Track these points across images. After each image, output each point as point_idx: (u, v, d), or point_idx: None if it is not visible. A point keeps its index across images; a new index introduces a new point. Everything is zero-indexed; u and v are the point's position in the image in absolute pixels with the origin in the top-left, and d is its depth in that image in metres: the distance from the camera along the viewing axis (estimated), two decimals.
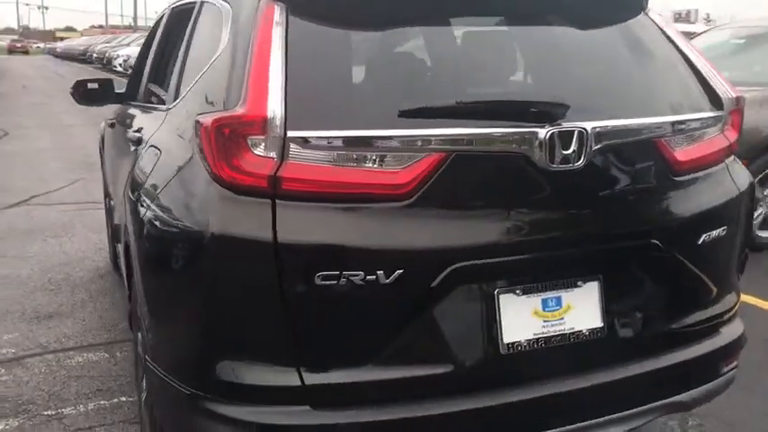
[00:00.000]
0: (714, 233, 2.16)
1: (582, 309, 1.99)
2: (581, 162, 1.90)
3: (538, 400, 1.92)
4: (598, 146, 1.93)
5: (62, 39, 71.24)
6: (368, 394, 1.83)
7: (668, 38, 2.29)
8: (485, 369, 1.89)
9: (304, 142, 1.75)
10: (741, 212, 2.28)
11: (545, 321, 1.95)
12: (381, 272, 1.76)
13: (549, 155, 1.86)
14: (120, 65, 24.14)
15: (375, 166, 1.79)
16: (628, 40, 2.28)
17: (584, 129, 1.89)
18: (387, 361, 1.82)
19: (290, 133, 1.74)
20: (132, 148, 2.73)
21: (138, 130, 2.78)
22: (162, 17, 3.49)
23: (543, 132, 1.85)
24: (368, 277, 1.75)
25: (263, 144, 1.74)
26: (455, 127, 1.83)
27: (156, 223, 2.04)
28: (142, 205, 2.16)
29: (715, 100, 2.22)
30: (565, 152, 1.87)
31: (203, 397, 1.82)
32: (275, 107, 1.73)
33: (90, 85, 3.61)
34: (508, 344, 1.90)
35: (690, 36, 6.66)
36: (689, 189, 2.14)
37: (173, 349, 1.98)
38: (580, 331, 1.98)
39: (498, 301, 1.90)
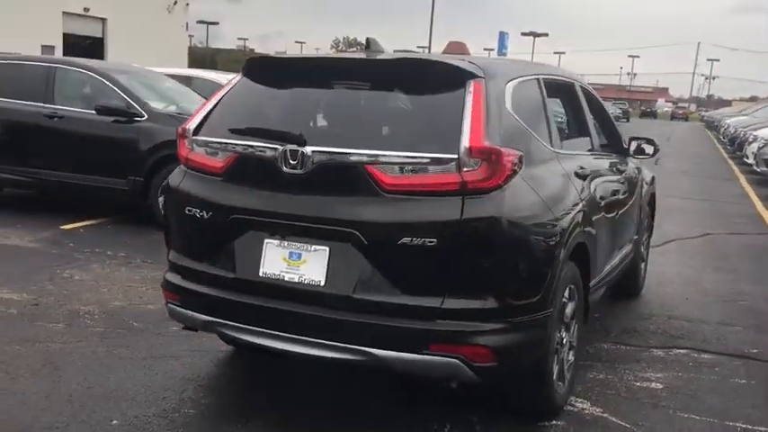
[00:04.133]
0: (417, 241, 2.96)
1: (312, 265, 3.17)
2: (303, 170, 3.11)
3: (276, 310, 3.22)
4: (318, 161, 3.08)
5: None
6: (200, 277, 3.46)
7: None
8: (249, 282, 3.29)
9: (195, 143, 3.49)
10: (459, 238, 2.95)
11: (288, 266, 3.22)
12: (205, 212, 3.39)
13: (283, 163, 3.15)
14: (754, 154, 15.87)
15: (215, 156, 3.41)
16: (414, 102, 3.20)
17: (304, 150, 3.10)
18: (210, 261, 3.42)
19: (192, 138, 3.51)
20: None
21: None
22: None
23: (281, 149, 3.15)
24: (201, 213, 3.40)
25: (187, 142, 3.54)
26: (244, 141, 3.29)
27: None
28: None
29: (453, 146, 2.97)
30: (292, 162, 3.13)
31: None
32: (191, 126, 3.52)
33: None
34: (263, 272, 3.26)
35: None
36: (395, 204, 3.00)
37: None
38: (306, 279, 3.16)
39: (265, 244, 3.27)
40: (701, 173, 17.56)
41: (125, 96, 7.69)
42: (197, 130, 3.50)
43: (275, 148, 3.17)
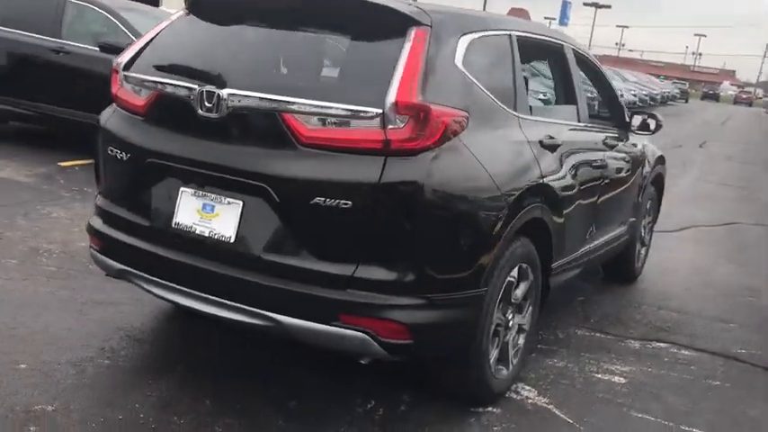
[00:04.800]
0: (331, 202, 2.69)
1: (224, 220, 2.92)
2: (218, 114, 2.85)
3: (185, 264, 2.99)
4: (234, 105, 2.81)
5: None
6: (119, 223, 3.24)
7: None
8: (162, 232, 3.07)
9: (125, 78, 3.25)
10: (376, 202, 2.66)
11: (200, 218, 2.97)
12: (125, 153, 3.16)
13: (199, 105, 2.89)
14: None
15: (138, 95, 3.16)
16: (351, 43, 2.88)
17: (221, 93, 2.83)
18: (128, 207, 3.20)
19: (123, 73, 3.27)
20: None
21: None
22: None
23: (197, 90, 2.89)
24: (121, 155, 3.18)
25: (118, 78, 3.30)
26: (164, 79, 3.03)
27: None
28: None
29: (379, 100, 2.67)
30: (208, 105, 2.86)
31: None
32: (123, 60, 3.27)
33: None
34: (176, 222, 3.03)
35: None
36: (311, 159, 2.72)
37: None
38: (217, 233, 2.92)
39: (181, 194, 3.04)
40: (747, 159, 16.74)
41: (131, 35, 7.49)
42: (128, 65, 3.25)
43: (192, 89, 2.92)
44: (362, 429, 3.10)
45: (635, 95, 28.23)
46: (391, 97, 2.65)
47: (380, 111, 2.66)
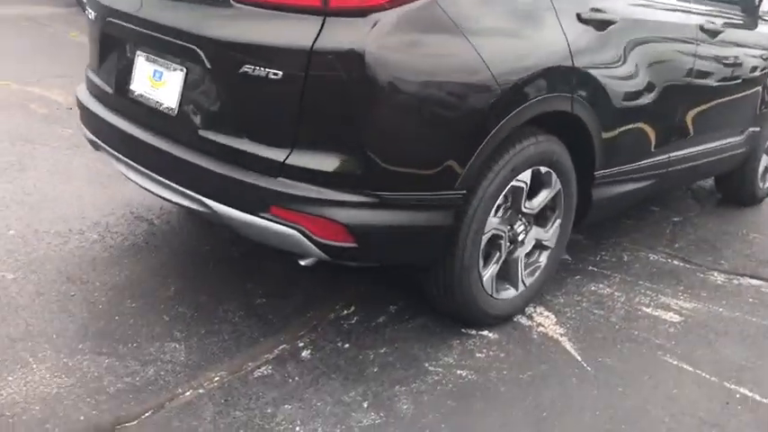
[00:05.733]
0: (260, 71, 2.26)
1: (170, 89, 2.59)
2: None
3: (135, 138, 2.71)
4: None
5: None
6: (93, 91, 3.01)
7: None
8: (121, 101, 2.80)
9: None
10: (308, 73, 2.19)
11: (151, 87, 2.66)
12: (94, 13, 2.89)
13: None
14: None
15: None
16: None
17: None
18: (98, 74, 2.95)
19: None
20: None
21: None
22: None
23: None
24: (92, 14, 2.91)
25: None
26: None
27: None
28: None
29: None
30: None
31: None
32: None
33: None
34: (132, 89, 2.74)
35: None
36: (242, 19, 2.29)
37: None
38: (163, 104, 2.61)
39: (137, 59, 2.74)
40: None
41: None
42: None
43: None
44: (324, 337, 2.76)
45: None
46: None
47: None
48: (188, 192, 2.51)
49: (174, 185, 2.55)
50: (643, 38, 3.08)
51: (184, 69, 2.50)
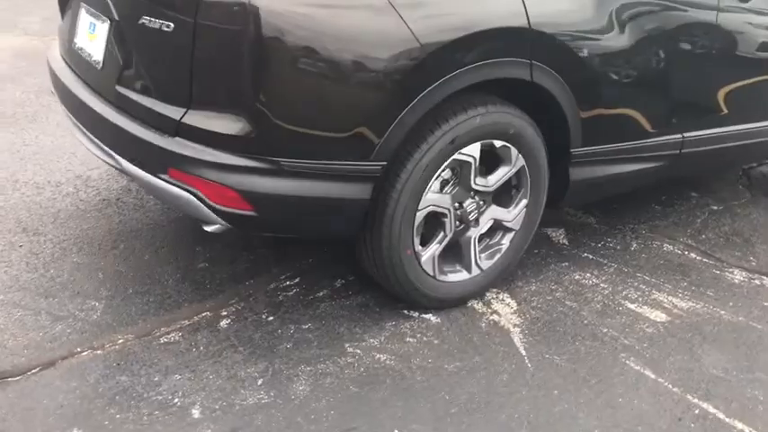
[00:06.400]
0: (155, 23, 2.15)
1: (99, 42, 2.52)
2: None
3: (73, 95, 2.66)
4: None
5: None
6: (62, 49, 3.00)
7: None
8: (69, 53, 2.77)
9: None
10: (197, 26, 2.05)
11: (88, 40, 2.61)
12: None
13: None
14: None
15: None
16: None
17: None
18: (63, 31, 2.93)
19: None
20: None
21: None
22: None
23: None
24: None
25: None
26: None
27: None
28: None
29: None
30: None
31: None
32: None
33: None
34: (75, 41, 2.71)
35: None
36: None
37: None
38: (92, 57, 2.55)
39: (80, 12, 2.69)
40: None
41: None
42: None
43: None
44: (252, 308, 2.65)
45: None
46: None
47: None
48: (106, 149, 2.44)
49: (97, 141, 2.49)
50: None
51: (109, 21, 2.42)
